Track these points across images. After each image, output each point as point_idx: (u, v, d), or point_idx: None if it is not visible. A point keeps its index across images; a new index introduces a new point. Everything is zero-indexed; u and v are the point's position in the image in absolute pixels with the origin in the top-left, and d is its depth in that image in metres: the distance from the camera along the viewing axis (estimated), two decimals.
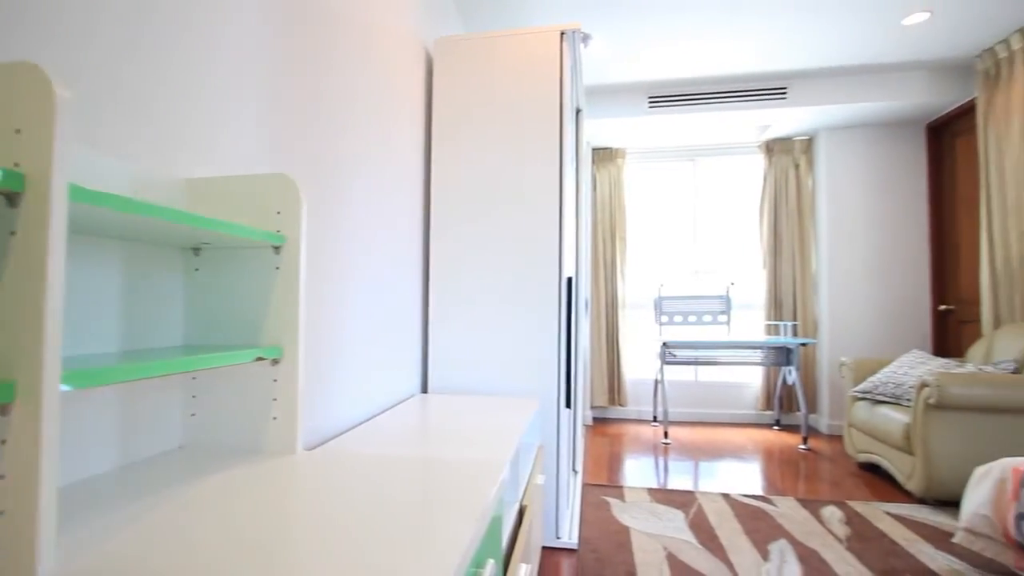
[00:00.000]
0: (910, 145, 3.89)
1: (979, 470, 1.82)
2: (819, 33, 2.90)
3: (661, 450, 3.33)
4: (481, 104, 1.98)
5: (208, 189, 0.86)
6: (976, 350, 2.82)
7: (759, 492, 2.56)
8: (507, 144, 1.96)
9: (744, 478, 2.79)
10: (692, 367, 4.28)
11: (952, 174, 3.63)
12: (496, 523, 0.76)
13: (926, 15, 2.69)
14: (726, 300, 4.00)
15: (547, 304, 1.90)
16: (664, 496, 2.48)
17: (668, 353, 3.63)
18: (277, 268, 0.85)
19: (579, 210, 2.89)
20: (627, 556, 1.87)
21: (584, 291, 3.58)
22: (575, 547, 1.92)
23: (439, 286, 1.98)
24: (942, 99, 3.38)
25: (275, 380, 0.85)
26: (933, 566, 1.81)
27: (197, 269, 0.87)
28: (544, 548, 1.91)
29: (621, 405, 4.23)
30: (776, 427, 3.99)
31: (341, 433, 1.25)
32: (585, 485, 2.64)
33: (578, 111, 2.89)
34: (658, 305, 4.06)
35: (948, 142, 3.67)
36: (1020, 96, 2.76)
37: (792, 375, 3.54)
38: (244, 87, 0.98)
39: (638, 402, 4.30)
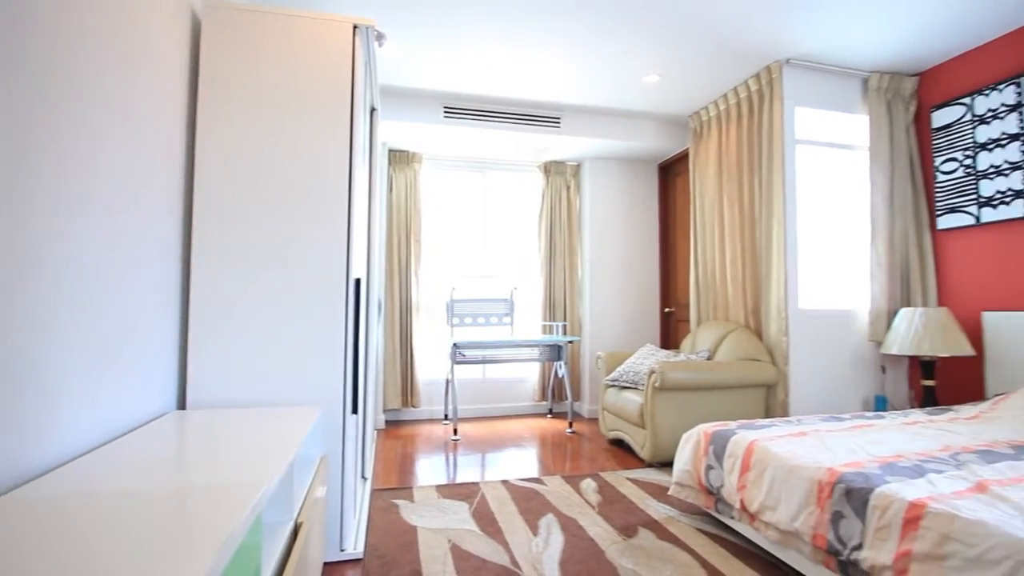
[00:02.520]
0: (648, 179, 4.82)
1: (685, 436, 2.36)
2: (584, 77, 3.40)
3: (451, 447, 3.47)
4: (263, 87, 1.80)
5: None
6: (686, 343, 3.64)
7: (534, 475, 2.87)
8: (292, 134, 1.82)
9: (522, 464, 3.09)
10: (480, 366, 4.56)
11: (674, 205, 4.62)
12: (249, 552, 0.71)
13: (657, 77, 3.39)
14: (510, 303, 4.37)
15: (334, 306, 1.82)
16: (451, 491, 2.59)
17: (458, 353, 3.81)
18: None
19: (372, 210, 2.84)
20: (413, 555, 1.91)
21: (377, 293, 3.52)
22: (360, 557, 1.87)
23: (205, 287, 1.73)
24: (669, 145, 4.28)
25: None
26: (656, 516, 2.28)
27: None
28: (326, 564, 1.82)
29: (414, 406, 4.27)
30: (549, 415, 4.52)
31: (47, 471, 1.00)
32: (375, 491, 2.60)
33: (373, 110, 2.84)
34: (450, 307, 4.23)
35: (672, 180, 4.67)
36: (713, 150, 3.66)
37: (562, 369, 4.06)
38: None
39: (431, 402, 4.40)
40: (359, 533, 2.02)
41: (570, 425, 3.93)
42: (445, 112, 3.78)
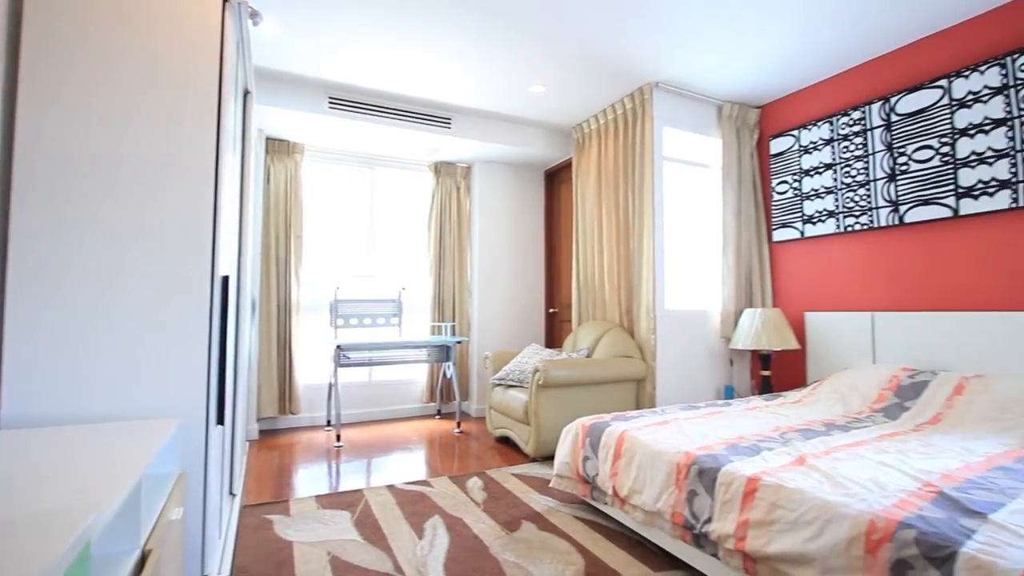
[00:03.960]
0: (535, 184, 5.01)
1: (565, 429, 2.50)
2: (475, 81, 3.44)
3: (333, 454, 3.32)
4: (111, 57, 1.58)
5: None
6: (568, 341, 3.85)
7: (421, 477, 2.84)
8: (148, 113, 1.62)
9: (409, 467, 3.04)
10: (366, 368, 4.41)
11: (559, 210, 4.85)
12: None
13: (543, 88, 3.54)
14: (398, 303, 4.28)
15: (196, 306, 1.65)
16: (332, 500, 2.48)
17: (342, 356, 3.65)
18: None
19: (245, 202, 2.61)
20: (287, 573, 1.80)
21: (250, 292, 3.25)
22: None
23: (27, 282, 1.47)
24: (555, 153, 4.49)
25: None
26: (538, 508, 2.38)
27: None
28: None
29: (293, 413, 4.01)
30: (438, 416, 4.50)
31: None
32: (245, 507, 2.40)
33: (247, 93, 2.62)
34: (334, 308, 4.03)
35: (557, 186, 4.90)
36: (594, 161, 3.92)
37: (450, 369, 4.07)
38: None
39: (312, 408, 4.16)
40: (225, 555, 1.85)
41: (458, 425, 3.95)
42: (330, 103, 3.60)
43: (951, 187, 2.66)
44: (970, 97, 2.59)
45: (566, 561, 1.87)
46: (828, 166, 3.26)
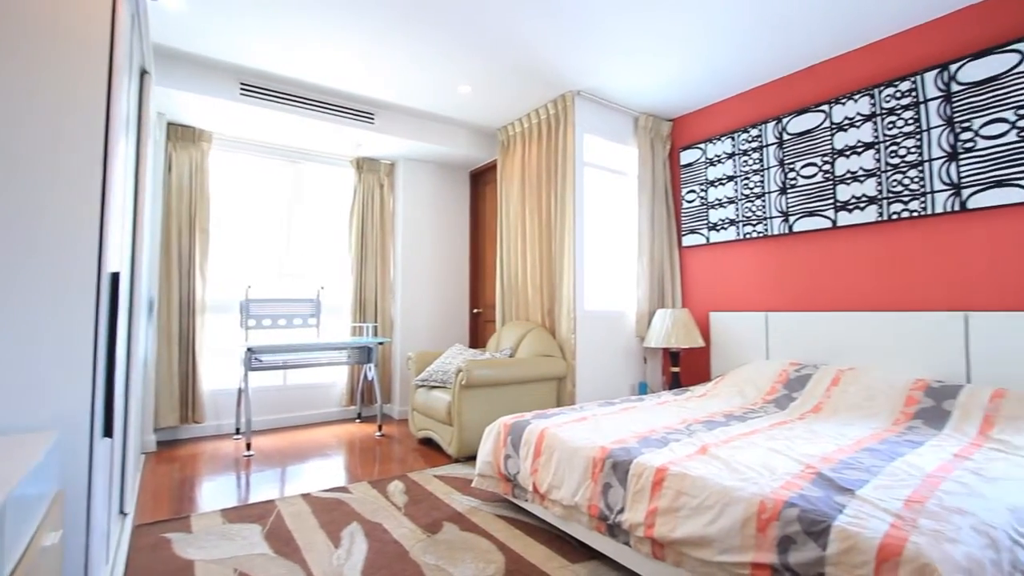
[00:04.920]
0: (461, 184, 5.01)
1: (487, 429, 2.52)
2: (400, 77, 3.38)
3: (243, 464, 3.12)
4: None
5: None
6: (492, 342, 3.89)
7: (339, 484, 2.75)
8: (20, 87, 1.44)
9: (326, 474, 2.93)
10: (281, 372, 4.19)
11: (484, 211, 4.88)
12: None
13: (470, 89, 3.55)
14: (316, 303, 4.11)
15: (78, 306, 1.49)
16: (240, 513, 2.33)
17: (254, 359, 3.44)
18: None
19: (140, 193, 2.39)
20: None
21: (146, 290, 2.99)
22: None
23: None
24: (480, 154, 4.51)
25: None
26: (460, 509, 2.38)
27: None
28: None
29: (197, 422, 3.72)
30: (358, 420, 4.37)
31: None
32: (139, 526, 2.20)
33: (144, 72, 2.39)
34: (245, 308, 3.79)
35: (482, 187, 4.93)
36: (518, 164, 3.98)
37: (372, 371, 3.96)
38: None
39: (218, 416, 3.88)
40: None
41: (379, 428, 3.86)
42: (243, 89, 3.38)
43: (831, 201, 2.99)
44: (846, 122, 2.93)
45: (487, 560, 1.89)
46: (730, 178, 3.54)
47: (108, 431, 1.53)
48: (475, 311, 4.93)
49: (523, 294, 3.89)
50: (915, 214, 2.65)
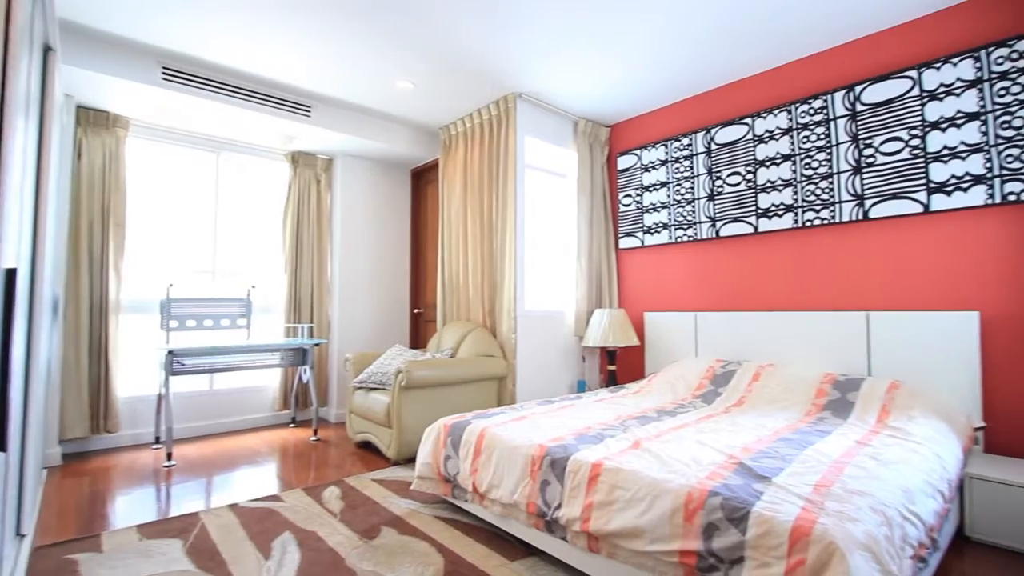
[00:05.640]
0: (402, 182, 4.93)
1: (427, 430, 2.50)
2: (337, 69, 3.28)
3: (163, 475, 2.92)
4: None
5: None
6: (432, 342, 3.85)
7: (271, 492, 2.63)
8: None
9: (257, 482, 2.80)
10: (207, 376, 3.95)
11: (425, 210, 4.83)
12: None
13: (411, 86, 3.50)
14: (247, 303, 3.91)
15: None
16: (160, 528, 2.19)
17: (176, 362, 3.22)
18: None
19: (43, 182, 2.18)
20: None
21: (50, 289, 2.73)
22: None
23: None
24: (422, 152, 4.46)
25: None
26: (399, 512, 2.35)
27: None
28: None
29: (110, 431, 3.44)
30: (292, 424, 4.20)
31: None
32: (39, 548, 2.01)
33: (48, 49, 2.18)
34: (166, 308, 3.54)
35: (424, 186, 4.87)
36: (460, 163, 3.97)
37: (307, 374, 3.82)
38: None
39: (135, 424, 3.61)
40: None
41: (315, 433, 3.73)
42: (165, 73, 3.15)
43: (753, 208, 3.20)
44: (767, 135, 3.14)
45: (425, 562, 1.88)
46: (663, 184, 3.70)
47: (1, 444, 1.39)
48: (416, 311, 4.86)
49: (464, 294, 3.89)
50: (826, 222, 2.89)
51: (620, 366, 4.03)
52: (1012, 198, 2.31)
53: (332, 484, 2.72)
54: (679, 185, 3.60)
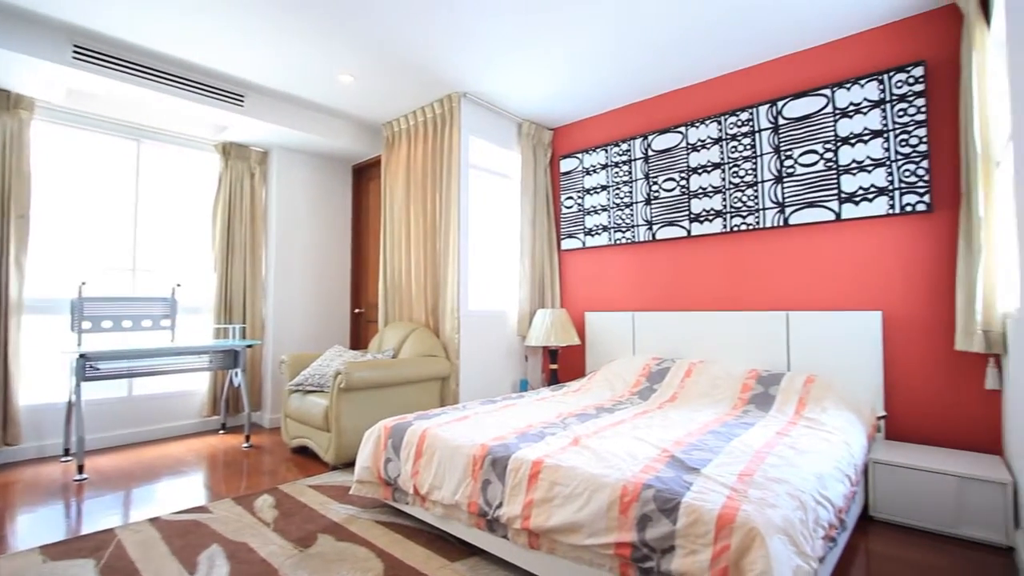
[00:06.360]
0: (343, 179, 4.79)
1: (367, 433, 2.45)
2: (273, 56, 3.14)
3: (73, 490, 2.68)
4: None
5: None
6: (374, 342, 3.77)
7: (198, 503, 2.48)
8: None
9: (181, 494, 2.63)
10: (126, 381, 3.67)
11: (367, 207, 4.72)
12: None
13: (352, 79, 3.41)
14: (171, 303, 3.67)
15: None
16: (69, 548, 2.01)
17: (88, 367, 2.98)
18: None
19: None
20: None
21: None
22: None
23: None
24: (364, 148, 4.35)
25: None
26: (336, 519, 2.29)
27: None
28: None
29: (10, 444, 3.12)
30: (222, 431, 3.98)
31: None
32: None
33: None
34: (78, 308, 3.26)
35: (366, 183, 4.76)
36: (403, 161, 3.91)
37: (239, 377, 3.64)
38: None
39: (40, 436, 3.30)
40: None
41: (247, 439, 3.55)
42: (76, 52, 2.89)
43: (687, 213, 3.36)
44: (699, 143, 3.31)
45: (364, 568, 1.84)
46: (604, 187, 3.82)
47: None
48: (357, 311, 4.74)
49: (407, 294, 3.83)
50: (751, 227, 3.08)
51: (562, 365, 4.11)
52: (909, 209, 2.57)
53: (265, 492, 2.61)
54: (618, 189, 3.72)
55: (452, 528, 2.06)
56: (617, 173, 3.73)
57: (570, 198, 4.06)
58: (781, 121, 2.97)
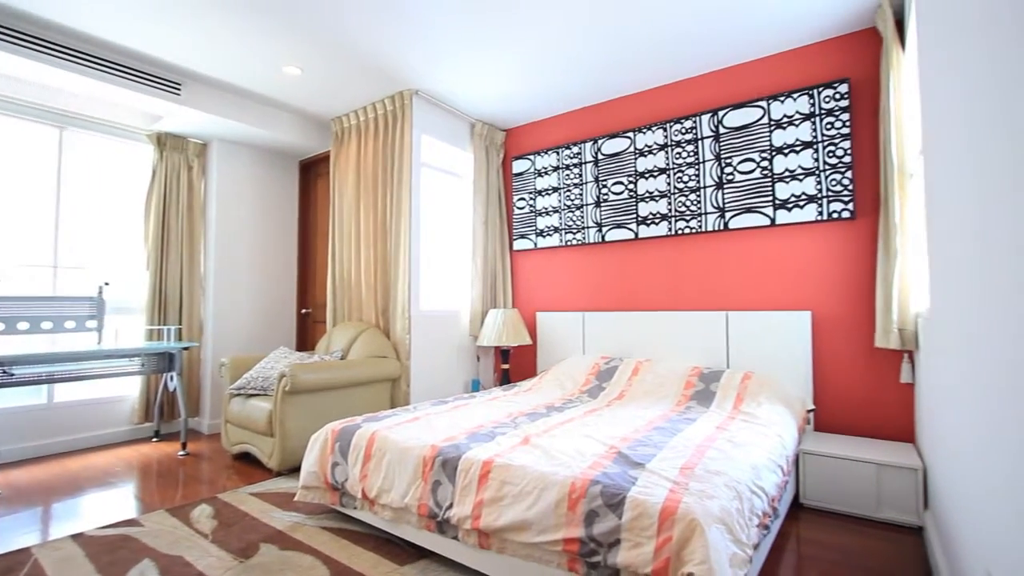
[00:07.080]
0: (289, 174, 4.62)
1: (313, 437, 2.38)
2: (214, 44, 2.99)
3: None
4: None
5: None
6: (321, 344, 3.67)
7: (128, 516, 2.33)
8: None
9: (109, 507, 2.47)
10: (46, 387, 3.40)
11: (315, 205, 4.58)
12: None
13: (299, 71, 3.30)
14: (98, 302, 3.42)
15: None
16: None
17: (1, 372, 2.73)
18: None
19: None
20: None
21: None
22: None
23: None
24: (311, 143, 4.22)
25: None
26: (280, 526, 2.21)
27: None
28: None
29: None
30: (156, 439, 3.75)
31: None
32: None
33: None
34: None
35: (313, 180, 4.61)
36: (353, 158, 3.82)
37: (174, 381, 3.44)
38: None
39: None
40: None
41: (183, 446, 3.37)
42: None
43: (634, 216, 3.46)
44: (646, 148, 3.42)
45: None
46: (555, 189, 3.87)
47: None
48: (303, 311, 4.59)
49: (356, 294, 3.75)
50: (694, 231, 3.22)
51: (513, 365, 4.14)
52: (835, 215, 2.75)
53: (203, 502, 2.49)
54: (569, 191, 3.79)
55: (402, 531, 2.04)
56: (568, 175, 3.80)
57: (522, 199, 4.09)
58: (722, 130, 3.12)
